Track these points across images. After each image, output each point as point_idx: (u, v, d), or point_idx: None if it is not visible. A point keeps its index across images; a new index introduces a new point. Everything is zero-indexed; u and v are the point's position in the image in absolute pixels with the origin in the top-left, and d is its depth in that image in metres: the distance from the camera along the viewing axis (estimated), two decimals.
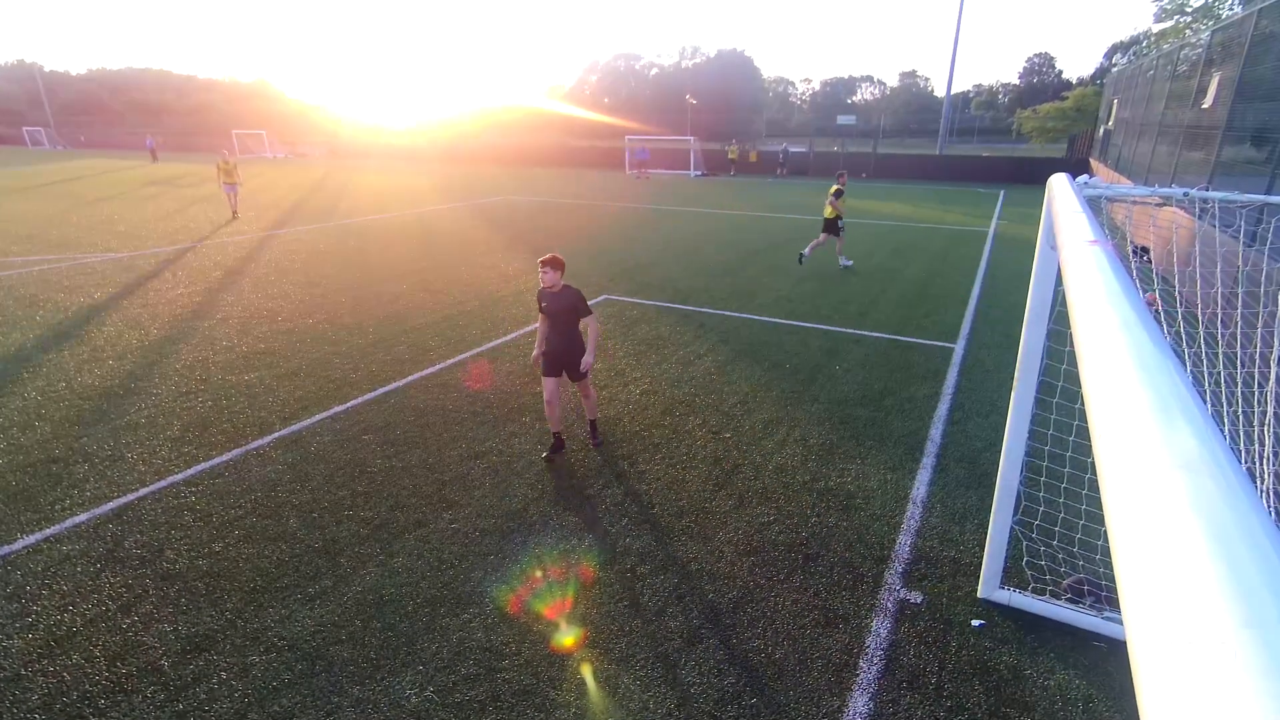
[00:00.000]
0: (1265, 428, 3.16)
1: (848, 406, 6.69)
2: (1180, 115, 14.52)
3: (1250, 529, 0.49)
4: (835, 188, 12.67)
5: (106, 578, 4.16)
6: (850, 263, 12.95)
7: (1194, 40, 15.35)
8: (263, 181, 29.59)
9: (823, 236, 12.86)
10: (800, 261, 12.97)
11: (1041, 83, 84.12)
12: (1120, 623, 3.61)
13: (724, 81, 67.64)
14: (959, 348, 8.42)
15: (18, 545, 4.46)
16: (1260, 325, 3.69)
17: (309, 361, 7.77)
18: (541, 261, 5.25)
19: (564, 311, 5.32)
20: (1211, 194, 3.52)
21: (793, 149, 37.81)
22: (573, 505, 5.00)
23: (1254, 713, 0.35)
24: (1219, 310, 4.01)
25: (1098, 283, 1.14)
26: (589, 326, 5.43)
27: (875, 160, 34.72)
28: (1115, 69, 40.87)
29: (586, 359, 5.40)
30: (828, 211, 12.70)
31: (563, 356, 5.42)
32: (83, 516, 4.78)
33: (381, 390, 6.98)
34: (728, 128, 57.00)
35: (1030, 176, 30.38)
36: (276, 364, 7.69)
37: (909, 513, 4.95)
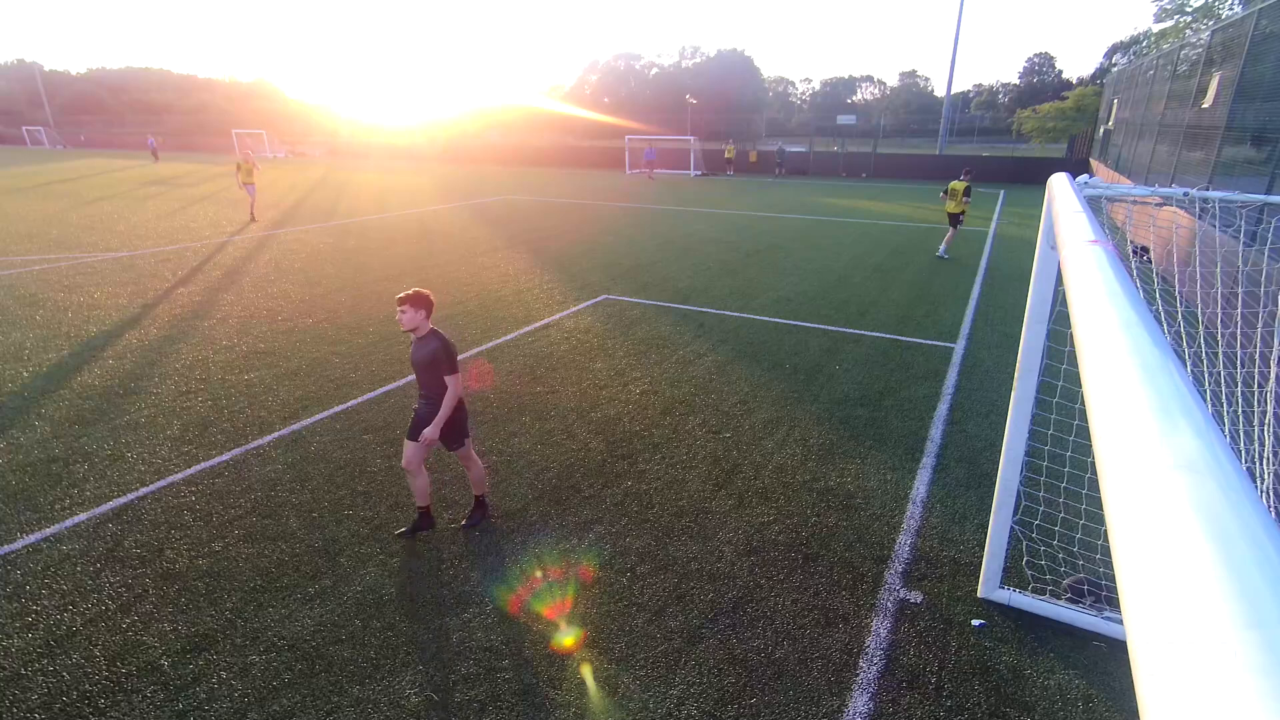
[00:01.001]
0: (1265, 428, 3.16)
1: (847, 406, 6.69)
2: (1180, 115, 14.52)
3: (1251, 529, 0.49)
4: (966, 185, 13.76)
5: (106, 577, 4.17)
6: (948, 256, 13.95)
7: (1194, 40, 15.35)
8: (263, 181, 29.45)
9: (952, 231, 14.00)
10: (943, 256, 13.81)
11: (1041, 83, 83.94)
12: (1120, 623, 3.61)
13: (724, 81, 67.72)
14: (959, 347, 8.42)
15: (18, 545, 4.47)
16: (1260, 325, 3.69)
17: (309, 361, 7.77)
18: (399, 299, 4.22)
19: (423, 363, 4.27)
20: (1211, 194, 3.52)
21: (792, 148, 37.76)
22: (573, 505, 5.00)
23: (1255, 713, 0.35)
24: (1219, 310, 4.02)
25: (1098, 283, 1.14)
26: (449, 386, 4.27)
27: (875, 160, 34.72)
28: (1115, 69, 40.86)
29: (428, 431, 4.24)
30: (952, 206, 13.83)
31: (424, 418, 4.35)
32: (83, 516, 4.79)
33: (381, 390, 6.98)
34: (728, 128, 56.87)
35: (1030, 176, 30.37)
36: (276, 364, 7.69)
37: (909, 513, 4.95)
